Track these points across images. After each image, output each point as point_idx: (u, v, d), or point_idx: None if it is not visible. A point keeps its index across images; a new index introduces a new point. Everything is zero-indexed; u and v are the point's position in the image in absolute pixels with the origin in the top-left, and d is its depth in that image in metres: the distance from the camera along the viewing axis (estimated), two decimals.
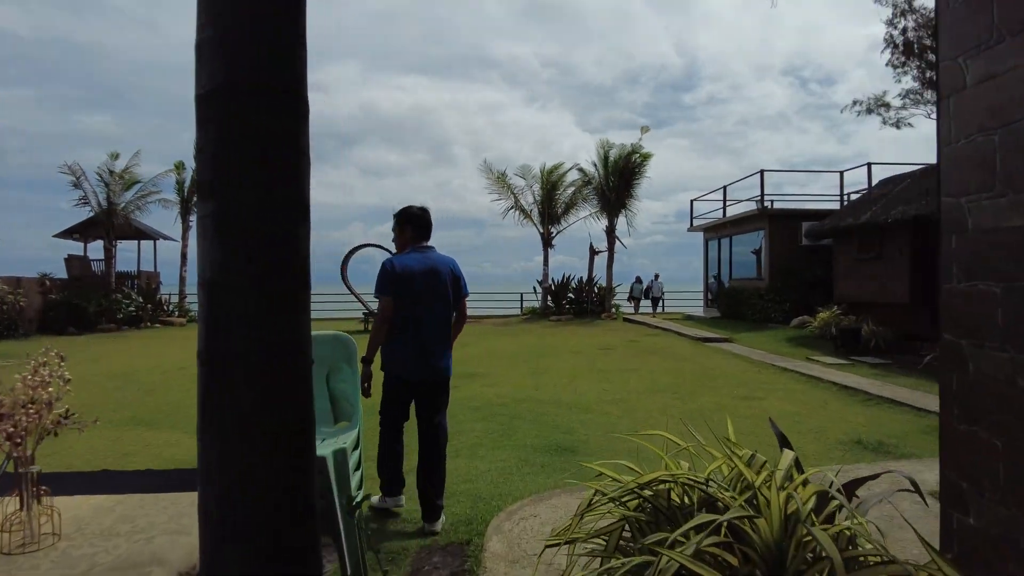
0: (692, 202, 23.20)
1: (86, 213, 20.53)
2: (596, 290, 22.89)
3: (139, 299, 20.19)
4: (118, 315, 19.54)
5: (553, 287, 23.14)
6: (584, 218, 23.48)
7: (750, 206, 19.04)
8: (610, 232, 22.55)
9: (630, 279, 25.14)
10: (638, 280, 24.57)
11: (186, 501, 2.36)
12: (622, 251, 22.69)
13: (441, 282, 3.74)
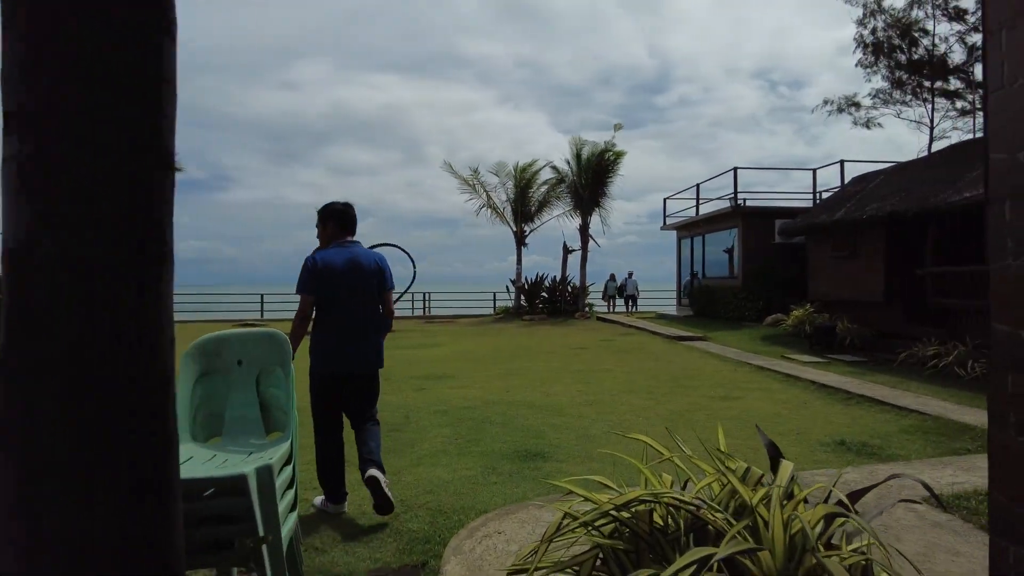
0: (665, 200, 23.10)
1: None
2: (570, 289, 22.64)
3: None
4: None
5: (527, 286, 22.82)
6: (557, 216, 23.27)
7: (723, 204, 18.95)
8: (584, 231, 22.32)
9: (604, 278, 24.93)
10: (612, 278, 24.31)
11: None
12: (596, 250, 22.50)
13: (364, 276, 3.74)
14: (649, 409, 6.87)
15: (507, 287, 23.75)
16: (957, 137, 20.26)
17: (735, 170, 17.46)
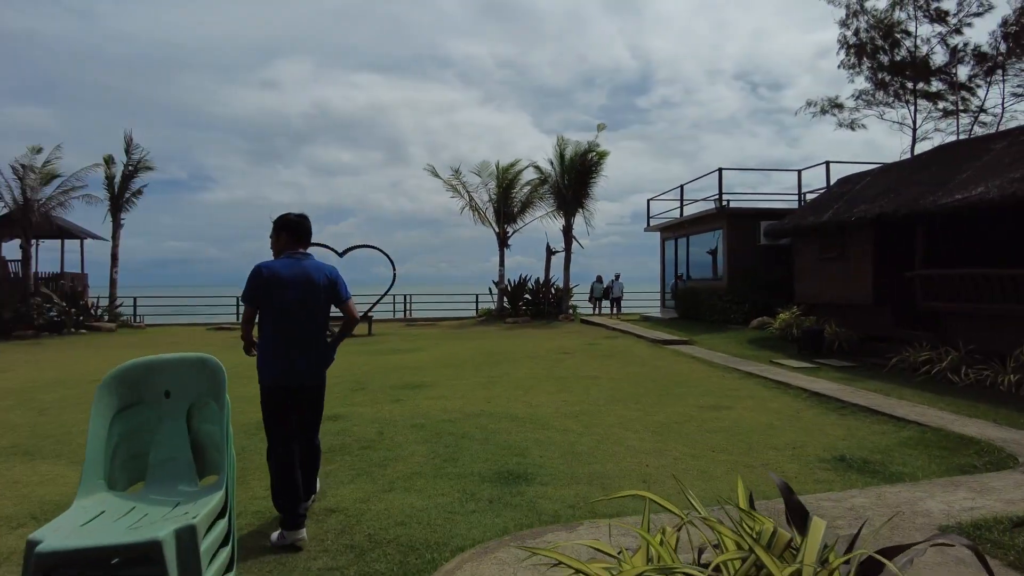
0: (649, 201, 22.86)
1: (1, 210, 18.85)
2: (553, 291, 22.32)
3: (61, 303, 18.63)
4: (37, 320, 17.99)
5: (509, 288, 22.47)
6: (541, 217, 22.94)
7: (708, 205, 18.73)
8: (567, 232, 22.01)
9: (586, 280, 24.57)
10: (599, 280, 23.86)
11: None
12: (579, 252, 22.17)
13: (312, 288, 3.68)
14: (637, 421, 6.54)
15: (490, 289, 23.37)
16: (940, 138, 20.33)
17: (720, 171, 17.24)
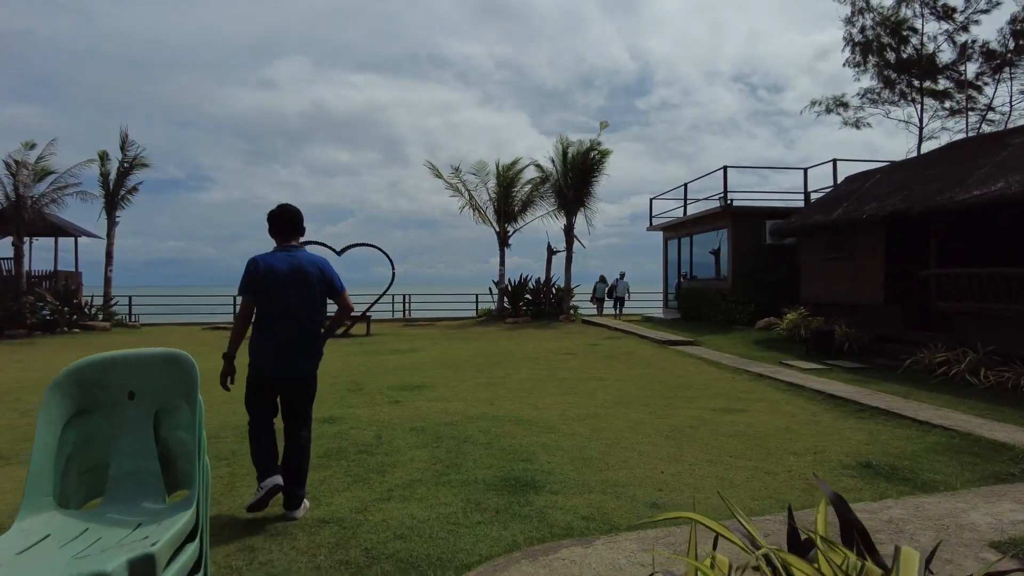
0: (652, 200, 22.56)
1: None
2: (554, 291, 22.01)
3: (55, 302, 18.29)
4: (30, 320, 17.65)
5: (510, 288, 22.16)
6: (541, 217, 22.63)
7: (711, 204, 18.44)
8: (568, 231, 21.70)
9: (585, 280, 24.11)
10: (602, 280, 23.28)
11: None
12: (578, 252, 21.83)
13: (306, 281, 3.73)
14: (648, 424, 6.24)
15: (490, 289, 23.05)
16: (947, 137, 20.05)
17: (725, 169, 16.95)
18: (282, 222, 3.81)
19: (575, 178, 21.01)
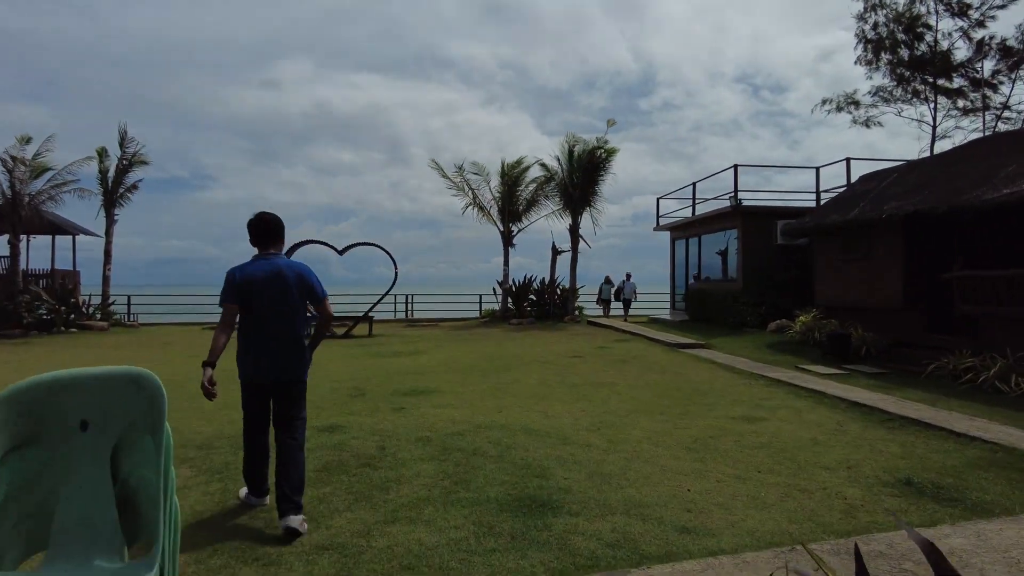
0: (659, 200, 22.19)
1: None
2: (559, 292, 21.67)
3: (51, 301, 17.98)
4: (26, 319, 17.35)
5: (514, 288, 21.81)
6: (546, 216, 22.28)
7: (720, 203, 18.07)
8: (574, 231, 21.35)
9: (589, 281, 23.64)
10: (608, 281, 22.75)
11: None
12: (581, 252, 21.46)
13: (285, 288, 3.72)
14: (667, 435, 5.89)
15: (494, 289, 22.71)
16: (962, 136, 19.66)
17: (735, 167, 16.58)
18: (260, 231, 3.83)
19: (581, 177, 20.67)
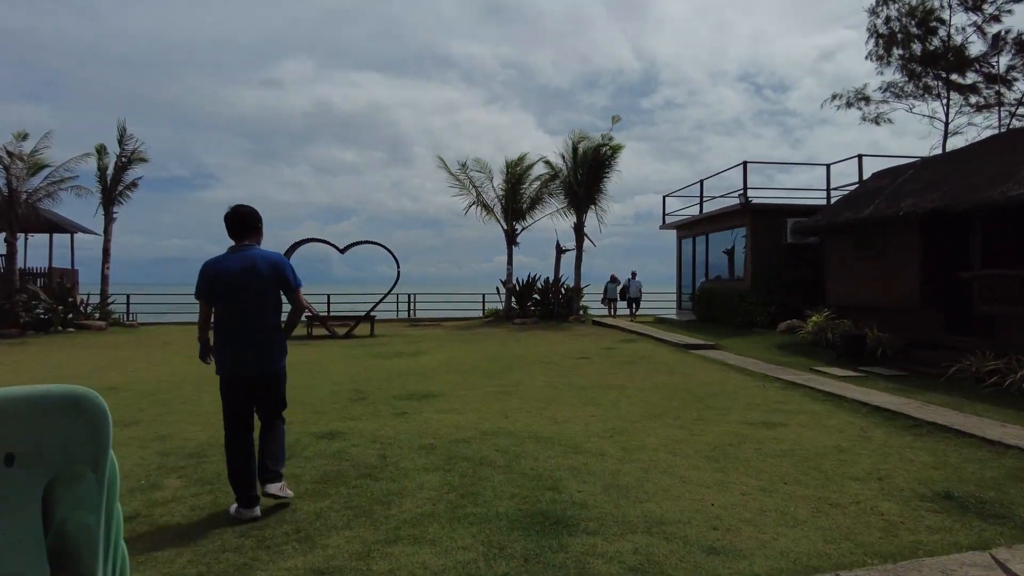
0: (665, 198, 21.89)
1: None
2: (563, 291, 21.37)
3: (48, 300, 17.73)
4: (23, 318, 17.10)
5: (518, 287, 21.52)
6: (550, 214, 21.96)
7: (727, 202, 17.76)
8: (578, 229, 21.04)
9: (591, 281, 23.05)
10: (613, 279, 22.31)
11: None
12: (585, 251, 21.13)
13: (259, 279, 3.74)
14: (683, 442, 5.59)
15: (497, 288, 22.42)
16: (974, 133, 19.30)
17: (744, 164, 16.27)
18: (236, 223, 3.85)
19: (586, 174, 20.36)
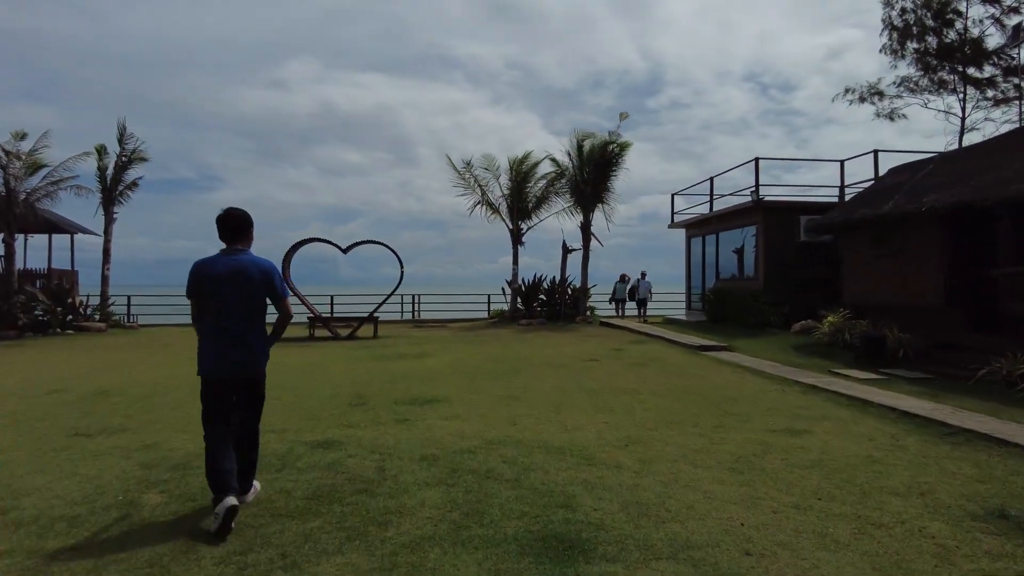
0: (673, 196, 21.50)
1: None
2: (570, 291, 20.98)
3: (47, 301, 17.46)
4: (22, 320, 16.84)
5: (524, 288, 21.15)
6: (556, 213, 21.59)
7: (737, 199, 17.36)
8: (585, 228, 20.65)
9: (597, 281, 22.43)
10: (622, 279, 21.78)
11: None
12: (593, 250, 20.72)
13: (245, 283, 3.73)
14: (704, 451, 5.21)
15: (503, 289, 22.05)
16: (992, 128, 18.85)
17: (756, 160, 15.87)
18: (227, 226, 3.84)
19: (593, 172, 19.98)
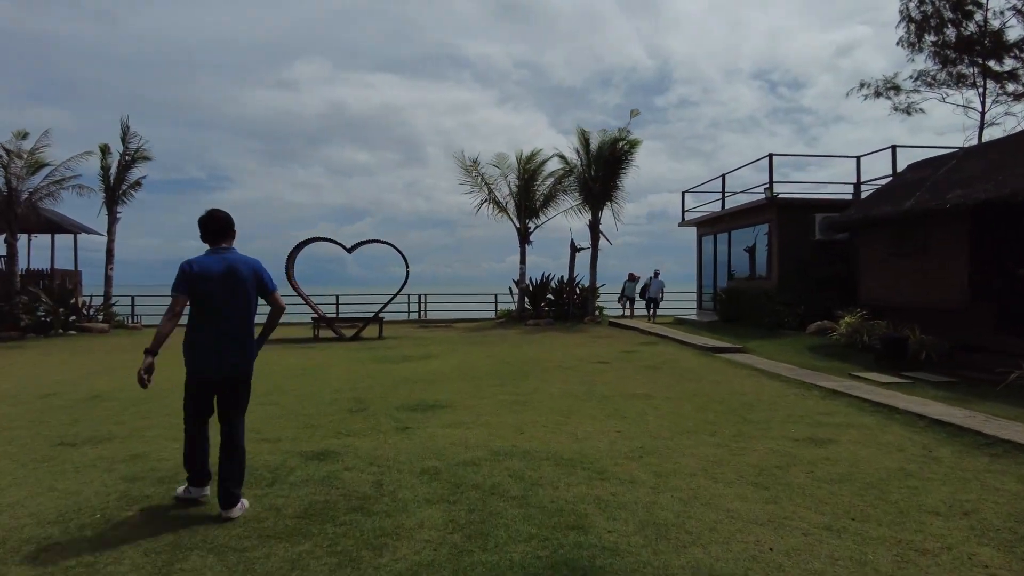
0: (684, 194, 21.10)
1: None
2: (578, 291, 20.64)
3: (49, 302, 17.28)
4: (24, 321, 16.67)
5: (531, 287, 20.82)
6: (564, 212, 21.25)
7: (749, 197, 16.96)
8: (594, 227, 20.30)
9: (607, 280, 22.03)
10: (632, 278, 21.29)
11: None
12: (602, 249, 20.35)
13: (238, 281, 3.78)
14: (724, 463, 4.87)
15: (510, 288, 21.74)
16: (1013, 123, 18.37)
17: (770, 156, 15.47)
18: (211, 227, 3.87)
19: (601, 170, 19.62)
